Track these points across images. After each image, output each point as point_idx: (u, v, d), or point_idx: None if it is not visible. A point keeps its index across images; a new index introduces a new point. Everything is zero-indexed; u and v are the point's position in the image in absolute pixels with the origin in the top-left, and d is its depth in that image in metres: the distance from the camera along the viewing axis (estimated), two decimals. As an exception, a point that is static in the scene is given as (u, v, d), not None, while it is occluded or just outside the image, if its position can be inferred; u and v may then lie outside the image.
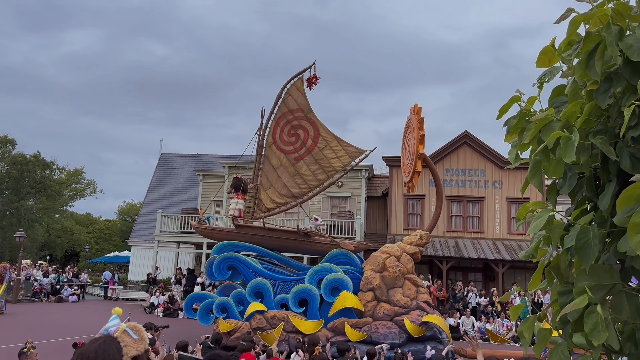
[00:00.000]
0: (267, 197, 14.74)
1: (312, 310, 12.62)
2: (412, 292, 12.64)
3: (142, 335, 2.12)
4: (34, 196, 38.57)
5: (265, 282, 13.05)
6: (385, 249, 13.30)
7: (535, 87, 2.47)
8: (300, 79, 15.07)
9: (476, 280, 25.07)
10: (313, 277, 12.88)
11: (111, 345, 2.04)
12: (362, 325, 12.13)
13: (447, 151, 26.64)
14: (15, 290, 24.29)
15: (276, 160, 14.87)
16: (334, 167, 14.63)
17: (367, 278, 12.67)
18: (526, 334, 2.14)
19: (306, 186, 14.69)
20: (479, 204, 26.13)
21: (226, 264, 13.46)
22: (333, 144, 14.72)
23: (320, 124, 14.88)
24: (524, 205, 2.31)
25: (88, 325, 15.00)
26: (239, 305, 13.05)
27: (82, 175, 52.93)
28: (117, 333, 2.08)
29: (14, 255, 36.32)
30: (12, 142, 37.99)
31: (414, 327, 11.92)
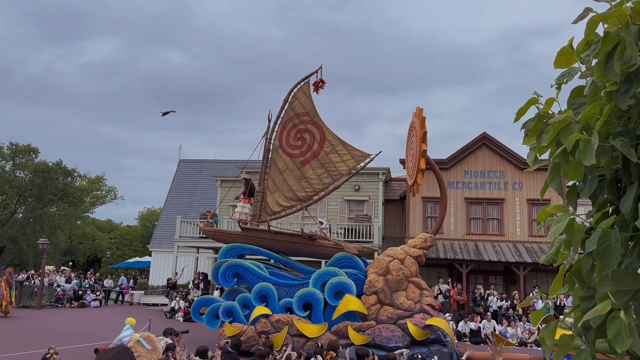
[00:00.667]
0: (274, 200, 14.86)
1: (316, 313, 12.69)
2: (416, 295, 12.61)
3: (155, 346, 2.13)
4: (56, 203, 39.22)
5: (270, 286, 13.15)
6: (389, 252, 13.29)
7: (553, 88, 2.43)
8: (306, 83, 15.20)
9: (497, 283, 24.76)
10: (317, 281, 12.95)
11: (124, 355, 2.06)
12: (365, 328, 12.11)
13: (466, 153, 26.41)
14: (39, 296, 24.71)
15: (282, 163, 15.01)
16: (340, 170, 14.70)
17: (370, 281, 12.67)
18: (548, 340, 2.10)
19: (312, 190, 14.79)
20: (499, 206, 25.83)
21: (231, 272, 13.60)
22: (338, 148, 14.79)
23: (326, 128, 14.96)
24: (543, 209, 2.27)
25: (109, 330, 15.16)
26: (245, 309, 13.18)
27: (102, 182, 53.71)
28: (130, 343, 2.10)
29: (37, 261, 36.96)
30: (35, 151, 38.72)
31: (418, 330, 11.87)
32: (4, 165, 38.62)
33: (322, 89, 15.09)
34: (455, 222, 25.92)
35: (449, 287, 22.32)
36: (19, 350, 12.40)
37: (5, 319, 19.77)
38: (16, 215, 37.91)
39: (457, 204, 26.05)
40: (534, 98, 2.28)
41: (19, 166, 38.37)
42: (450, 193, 26.19)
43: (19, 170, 38.43)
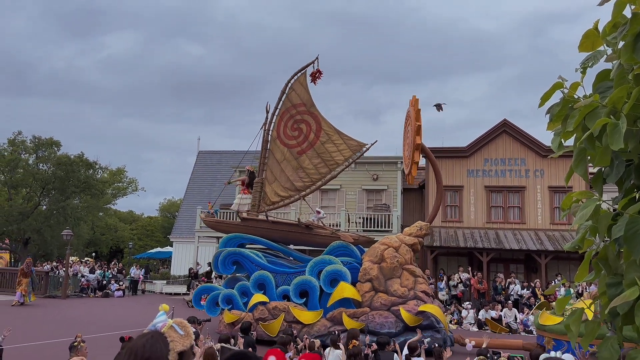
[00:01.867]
0: (272, 191, 15.13)
1: (312, 301, 12.99)
2: (410, 283, 12.83)
3: (187, 331, 2.17)
4: (78, 195, 39.84)
5: (268, 274, 13.47)
6: (384, 241, 13.57)
7: (578, 72, 2.38)
8: (303, 74, 15.38)
9: (518, 272, 24.54)
10: (313, 269, 13.23)
11: (158, 340, 2.09)
12: (359, 315, 12.38)
13: (486, 141, 26.10)
14: (64, 286, 25.25)
15: (280, 154, 15.22)
16: (336, 160, 14.86)
17: (365, 269, 12.94)
18: (573, 327, 2.08)
19: (309, 179, 15.01)
20: (520, 194, 25.53)
21: (230, 259, 13.96)
22: (334, 138, 14.93)
23: (322, 118, 15.09)
24: (568, 195, 2.24)
25: (133, 319, 15.47)
26: (243, 296, 13.52)
27: (123, 174, 54.39)
28: (164, 329, 2.13)
29: (61, 252, 37.72)
30: (57, 144, 39.31)
31: (410, 316, 12.10)
32: (27, 158, 39.32)
33: (319, 79, 15.25)
34: (475, 210, 25.71)
35: (469, 276, 22.21)
36: (47, 339, 12.72)
37: (32, 308, 20.27)
38: (40, 208, 38.64)
39: (477, 192, 25.82)
40: (559, 82, 2.24)
41: (42, 159, 39.02)
42: (470, 181, 25.96)
43: (42, 163, 39.08)
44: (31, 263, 23.22)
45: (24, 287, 21.43)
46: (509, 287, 21.50)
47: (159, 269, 42.84)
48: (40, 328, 14.96)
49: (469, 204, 25.83)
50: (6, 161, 37.45)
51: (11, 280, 26.34)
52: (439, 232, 24.98)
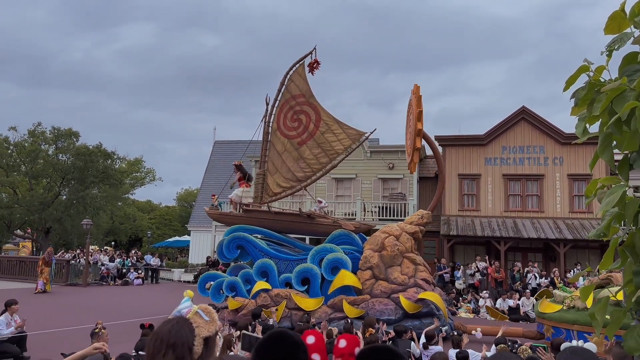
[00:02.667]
0: (274, 182, 15.27)
1: (313, 288, 13.17)
2: (411, 270, 12.95)
3: (213, 317, 2.17)
4: (97, 185, 40.36)
5: (270, 262, 13.70)
6: (385, 229, 13.67)
7: (603, 55, 2.32)
8: (302, 65, 15.44)
9: (536, 260, 24.30)
10: (315, 257, 13.42)
11: (184, 326, 2.09)
12: (359, 302, 12.53)
13: (504, 128, 25.78)
14: (84, 275, 25.69)
15: (281, 145, 15.35)
16: (336, 150, 14.93)
17: (365, 257, 13.10)
18: (598, 316, 2.04)
19: (310, 170, 15.12)
20: (539, 182, 25.22)
21: (235, 244, 14.21)
22: (334, 127, 14.98)
23: (321, 108, 15.17)
24: (593, 180, 2.19)
25: (152, 306, 15.68)
26: (247, 284, 13.75)
27: (141, 164, 54.91)
28: (189, 314, 2.14)
29: (81, 241, 38.32)
30: (76, 135, 39.80)
31: (409, 303, 12.19)
32: (47, 149, 39.89)
33: (317, 69, 15.36)
34: (493, 199, 25.48)
35: (486, 265, 22.07)
36: (69, 326, 12.96)
37: (55, 295, 20.67)
38: (60, 197, 39.25)
39: (495, 181, 25.57)
40: (585, 66, 2.18)
41: (61, 150, 39.56)
42: (487, 169, 25.71)
43: (62, 153, 39.62)
44: (52, 252, 23.66)
45: (45, 275, 21.89)
46: (527, 276, 21.33)
47: (177, 258, 43.34)
48: (62, 315, 15.25)
49: (486, 192, 25.60)
50: (27, 152, 38.05)
51: (33, 269, 26.89)
52: (456, 221, 24.82)
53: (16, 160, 39.18)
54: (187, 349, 2.04)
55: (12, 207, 37.81)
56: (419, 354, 8.79)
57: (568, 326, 10.98)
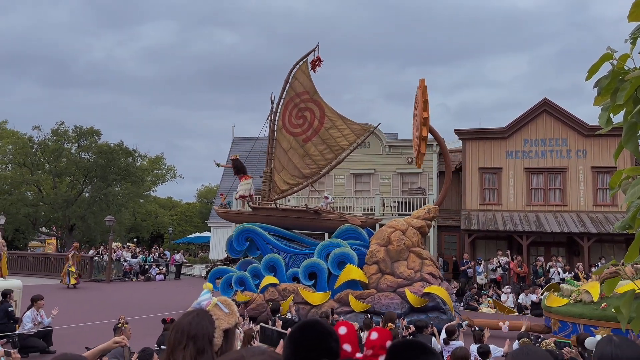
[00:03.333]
0: (281, 179, 15.49)
1: (320, 282, 13.31)
2: (417, 265, 12.97)
3: (232, 309, 2.18)
4: (119, 183, 40.97)
5: (278, 257, 13.89)
6: (392, 224, 13.72)
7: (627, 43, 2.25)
8: (305, 63, 15.62)
9: (559, 255, 23.94)
10: (321, 252, 13.54)
11: (204, 317, 2.12)
12: (365, 296, 12.61)
13: (525, 121, 25.39)
14: (107, 271, 26.11)
15: (286, 143, 15.53)
16: (341, 145, 15.07)
17: (372, 252, 13.14)
18: (624, 310, 1.99)
19: (315, 166, 15.28)
20: (561, 175, 24.80)
21: (244, 236, 14.49)
22: (338, 123, 15.12)
23: (325, 105, 15.30)
24: (618, 171, 2.13)
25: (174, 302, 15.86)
26: (255, 278, 13.97)
27: (162, 161, 55.54)
28: (209, 307, 2.16)
29: (104, 238, 38.95)
30: (98, 133, 40.41)
31: (415, 297, 12.21)
32: (70, 147, 40.58)
33: (319, 67, 15.59)
34: (515, 192, 25.14)
35: (508, 260, 21.82)
36: (92, 321, 13.19)
37: (78, 291, 21.06)
38: (83, 195, 39.92)
39: (516, 174, 25.22)
40: (608, 54, 2.12)
41: (83, 148, 40.21)
42: (509, 163, 25.37)
43: (84, 152, 40.27)
44: (78, 248, 24.12)
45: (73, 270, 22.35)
46: (550, 270, 21.02)
47: (197, 254, 43.76)
48: (86, 310, 15.52)
49: (507, 186, 25.27)
50: (50, 151, 38.76)
51: (58, 265, 27.43)
52: (477, 216, 24.57)
53: (40, 159, 39.95)
54: (207, 340, 2.06)
55: (37, 205, 38.60)
56: (440, 349, 8.73)
57: (574, 320, 10.93)
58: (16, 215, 37.00)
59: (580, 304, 10.99)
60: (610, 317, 9.96)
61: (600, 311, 10.37)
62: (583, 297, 11.03)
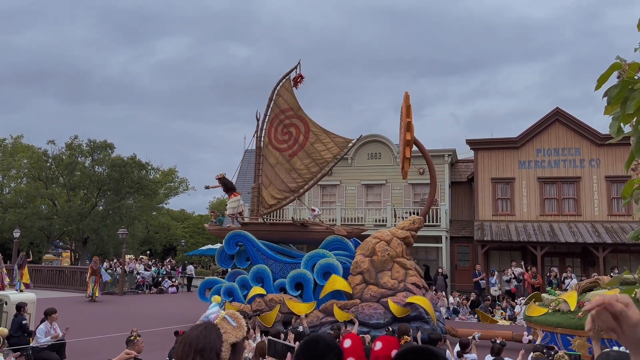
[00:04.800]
0: (268, 194, 15.92)
1: (307, 293, 13.53)
2: (401, 275, 13.13)
3: (240, 323, 2.17)
4: (132, 195, 41.26)
5: (266, 268, 14.18)
6: (377, 234, 13.95)
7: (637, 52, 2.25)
8: (288, 80, 16.21)
9: (574, 265, 23.60)
10: (308, 263, 13.80)
11: (212, 331, 2.11)
12: (349, 306, 12.78)
13: (537, 130, 25.23)
14: (120, 283, 26.22)
15: (273, 158, 16.01)
16: (325, 158, 15.51)
17: (356, 262, 13.34)
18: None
19: (301, 180, 15.70)
20: (575, 185, 24.55)
21: (235, 240, 14.87)
22: (322, 137, 15.56)
23: (309, 120, 15.79)
24: (629, 181, 2.11)
25: (187, 314, 15.88)
26: (244, 289, 14.22)
27: (175, 174, 55.90)
28: (216, 320, 2.15)
29: (117, 250, 39.17)
30: (111, 146, 40.84)
31: (398, 307, 12.35)
32: (84, 161, 41.04)
33: (300, 83, 16.15)
34: (528, 203, 24.92)
35: (522, 270, 21.57)
36: (105, 333, 13.24)
37: (92, 304, 21.17)
38: (97, 208, 40.26)
39: (529, 184, 25.02)
40: (617, 63, 2.11)
41: (97, 162, 40.64)
42: (522, 173, 25.19)
43: (98, 165, 40.71)
44: (99, 261, 24.27)
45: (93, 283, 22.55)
46: (565, 281, 20.73)
47: (210, 266, 43.83)
48: (99, 323, 15.59)
49: (521, 196, 25.07)
50: (64, 164, 39.23)
51: (72, 278, 27.63)
52: (490, 226, 24.36)
53: (55, 173, 40.44)
54: (214, 354, 2.06)
55: (51, 218, 38.99)
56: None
57: (552, 329, 11.03)
58: (31, 228, 37.40)
59: (558, 313, 11.14)
60: None
61: (577, 320, 10.53)
62: (561, 307, 11.18)
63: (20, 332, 10.33)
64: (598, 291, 11.20)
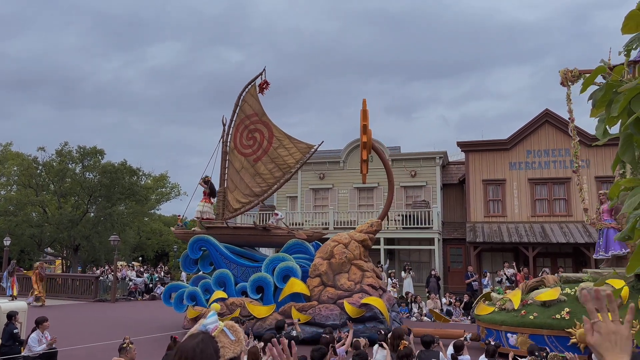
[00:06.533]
0: (234, 198, 16.20)
1: (267, 296, 13.82)
2: (358, 277, 13.47)
3: (239, 336, 2.02)
4: (124, 202, 41.01)
5: (228, 272, 14.46)
6: (335, 238, 14.32)
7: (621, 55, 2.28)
8: (253, 86, 16.55)
9: (566, 265, 23.76)
10: (268, 266, 14.12)
11: (209, 344, 1.97)
12: (307, 308, 13.14)
13: (527, 132, 25.41)
14: (113, 290, 26.02)
15: (238, 163, 16.30)
16: (288, 163, 15.84)
17: (314, 265, 13.70)
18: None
19: (265, 184, 16.01)
20: (565, 186, 24.74)
21: (198, 245, 15.16)
22: (285, 142, 15.92)
23: (273, 125, 16.15)
24: (616, 182, 2.14)
25: (180, 321, 15.79)
26: (206, 293, 14.49)
27: (166, 179, 55.66)
28: (214, 332, 2.02)
29: (109, 257, 38.92)
30: (101, 153, 40.58)
31: (353, 308, 12.71)
32: (74, 167, 40.74)
33: (266, 89, 16.47)
34: (519, 204, 25.07)
35: (514, 271, 21.67)
36: (97, 341, 13.14)
37: (84, 311, 21.00)
38: (88, 215, 39.97)
39: (520, 186, 25.17)
40: (601, 67, 2.14)
41: (87, 168, 40.36)
42: (512, 174, 25.35)
43: (88, 172, 40.43)
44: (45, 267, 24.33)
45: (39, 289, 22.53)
46: (557, 281, 20.85)
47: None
48: (91, 330, 15.47)
49: (512, 197, 25.22)
50: (55, 171, 38.94)
51: (64, 286, 27.42)
52: (482, 228, 24.47)
53: (45, 180, 40.12)
54: None
55: (42, 225, 38.67)
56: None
57: (497, 327, 11.41)
58: (21, 236, 37.07)
59: (504, 311, 11.49)
60: (527, 324, 10.70)
61: (520, 318, 10.93)
62: (507, 305, 11.53)
63: (11, 341, 10.23)
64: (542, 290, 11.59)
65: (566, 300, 10.84)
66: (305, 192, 28.72)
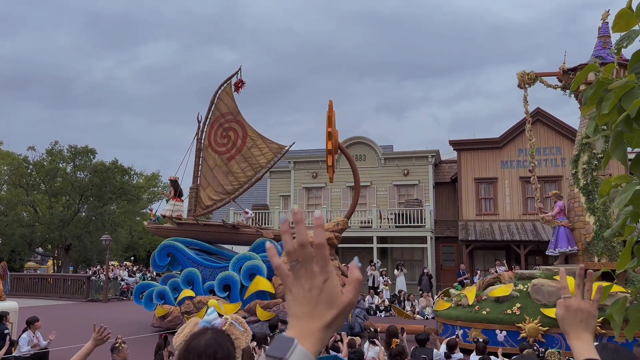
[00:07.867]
0: (206, 195, 16.46)
1: (233, 294, 14.10)
2: None
3: (246, 327, 2.07)
4: (115, 201, 40.81)
5: (196, 271, 14.68)
6: None
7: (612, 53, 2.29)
8: (229, 85, 16.72)
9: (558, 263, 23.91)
10: (235, 265, 14.37)
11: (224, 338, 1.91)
12: (272, 305, 13.45)
13: (519, 130, 25.54)
14: (105, 290, 25.92)
15: (212, 161, 16.51)
16: (260, 163, 16.13)
17: None
18: (616, 317, 2.00)
19: (237, 183, 16.26)
20: (557, 184, 24.88)
21: (165, 252, 15.38)
22: (258, 142, 16.17)
23: (247, 125, 16.36)
24: (606, 180, 2.16)
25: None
26: (175, 292, 14.70)
27: (158, 178, 55.42)
28: (225, 326, 1.98)
29: (101, 257, 38.72)
30: (93, 152, 40.35)
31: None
32: (65, 167, 40.49)
33: (241, 88, 16.66)
34: (511, 202, 25.21)
35: (506, 269, 21.77)
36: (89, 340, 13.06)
37: (76, 311, 20.89)
38: (79, 215, 39.73)
39: (512, 184, 25.31)
40: (592, 65, 2.15)
41: (79, 167, 40.12)
42: (504, 173, 25.48)
43: (79, 171, 40.18)
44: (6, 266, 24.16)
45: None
46: (549, 279, 21.00)
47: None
48: (82, 330, 15.37)
49: (504, 196, 25.35)
50: (46, 171, 38.68)
51: (55, 286, 27.26)
52: (474, 226, 24.59)
53: (36, 179, 39.85)
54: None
55: (33, 225, 38.40)
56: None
57: (453, 322, 11.77)
58: (12, 236, 36.79)
59: (459, 307, 11.84)
60: (480, 319, 11.06)
61: (473, 313, 11.29)
62: (462, 301, 11.88)
63: (2, 342, 10.16)
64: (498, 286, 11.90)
65: (518, 296, 11.17)
66: (299, 190, 28.72)
